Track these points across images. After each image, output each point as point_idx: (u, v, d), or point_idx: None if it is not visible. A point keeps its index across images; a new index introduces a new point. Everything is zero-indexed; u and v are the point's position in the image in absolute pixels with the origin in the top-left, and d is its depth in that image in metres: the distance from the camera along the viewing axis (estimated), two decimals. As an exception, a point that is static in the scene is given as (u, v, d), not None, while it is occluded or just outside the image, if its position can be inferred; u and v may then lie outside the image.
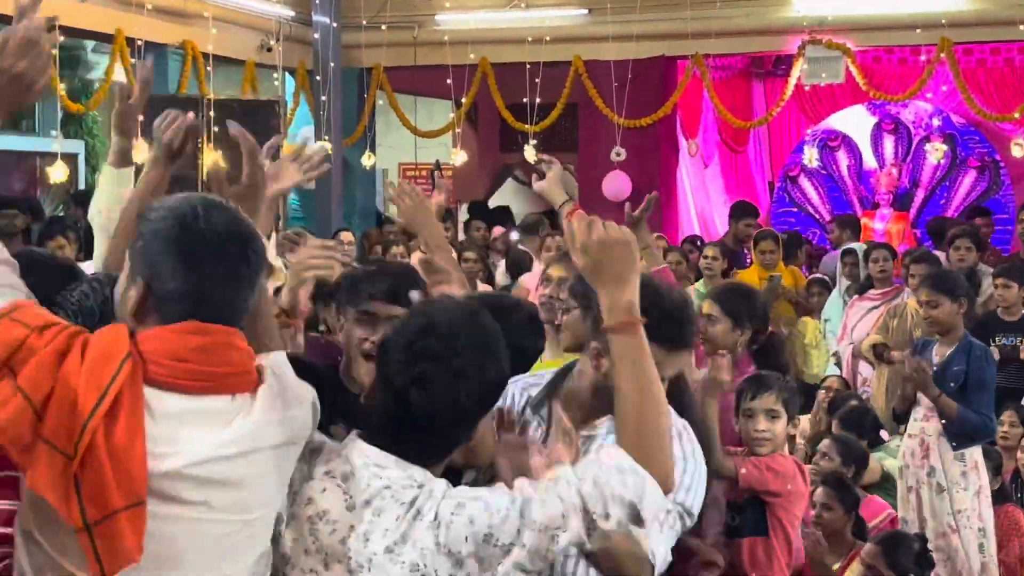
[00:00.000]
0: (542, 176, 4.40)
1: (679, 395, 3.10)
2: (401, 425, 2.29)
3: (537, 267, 9.30)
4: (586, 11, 12.69)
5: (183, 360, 2.13)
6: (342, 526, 2.25)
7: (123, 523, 2.03)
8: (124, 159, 3.57)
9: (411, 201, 3.76)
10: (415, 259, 4.11)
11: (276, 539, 2.29)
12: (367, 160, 13.15)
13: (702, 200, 14.25)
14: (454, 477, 2.44)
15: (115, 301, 2.42)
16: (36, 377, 2.03)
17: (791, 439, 5.35)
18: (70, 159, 14.45)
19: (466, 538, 2.17)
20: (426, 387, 2.25)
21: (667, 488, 2.31)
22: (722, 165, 14.67)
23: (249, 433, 2.19)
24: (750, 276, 9.84)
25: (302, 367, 2.41)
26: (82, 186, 15.02)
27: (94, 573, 2.02)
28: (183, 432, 2.12)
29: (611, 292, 2.37)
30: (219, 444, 2.14)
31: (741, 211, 11.41)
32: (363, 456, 2.29)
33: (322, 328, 4.63)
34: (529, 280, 7.80)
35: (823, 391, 7.82)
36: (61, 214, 13.05)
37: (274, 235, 3.70)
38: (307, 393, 2.34)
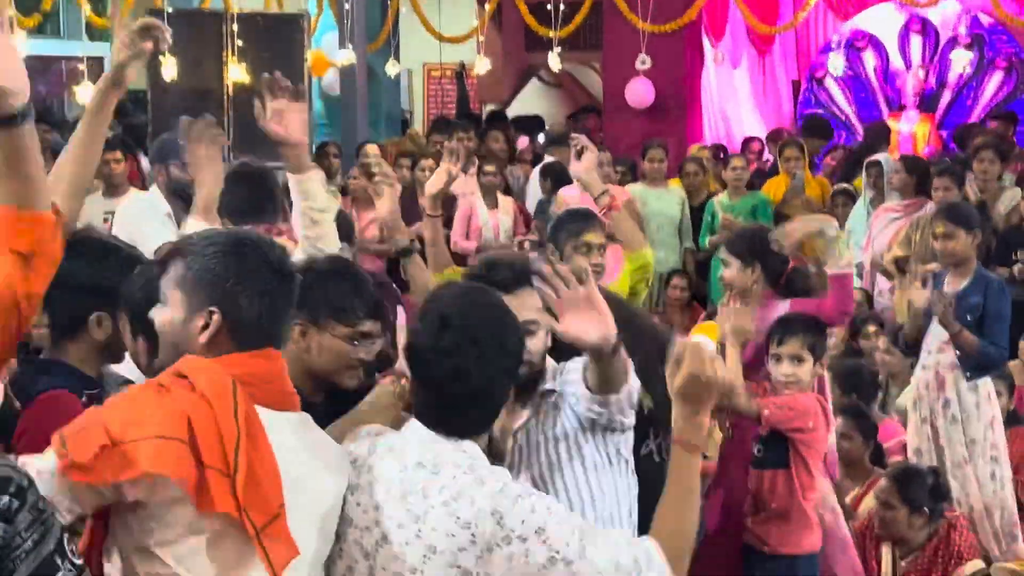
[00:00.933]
0: (579, 155, 4.71)
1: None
2: (446, 411, 2.51)
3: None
4: (611, -88, 12.50)
5: (268, 382, 2.37)
6: (397, 486, 2.47)
7: (281, 523, 2.27)
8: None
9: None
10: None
11: (343, 505, 2.52)
12: (392, 68, 13.11)
13: (729, 102, 14.16)
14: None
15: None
16: (168, 423, 2.20)
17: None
18: (96, 63, 14.42)
19: (522, 521, 2.36)
20: (461, 378, 2.46)
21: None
22: (750, 66, 14.54)
23: (320, 438, 2.52)
24: (777, 184, 9.91)
25: None
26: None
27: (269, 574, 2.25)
28: (281, 439, 2.36)
29: (691, 412, 2.47)
30: (311, 446, 2.46)
31: (810, 130, 11.48)
32: (416, 432, 2.53)
33: None
34: (567, 193, 7.81)
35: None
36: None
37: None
38: None
